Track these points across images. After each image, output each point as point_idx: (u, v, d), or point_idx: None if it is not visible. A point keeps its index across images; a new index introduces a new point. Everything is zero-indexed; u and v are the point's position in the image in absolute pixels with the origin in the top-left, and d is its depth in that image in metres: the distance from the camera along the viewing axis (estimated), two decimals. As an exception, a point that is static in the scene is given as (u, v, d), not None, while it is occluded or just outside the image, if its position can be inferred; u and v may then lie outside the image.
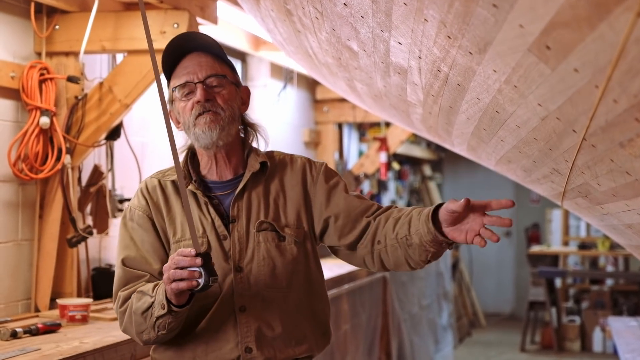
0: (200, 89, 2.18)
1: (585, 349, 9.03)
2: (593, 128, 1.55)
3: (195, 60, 2.22)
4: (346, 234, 2.25)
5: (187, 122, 2.21)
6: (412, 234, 2.11)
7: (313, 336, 2.28)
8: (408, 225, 2.13)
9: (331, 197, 2.27)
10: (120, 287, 2.20)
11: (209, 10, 3.93)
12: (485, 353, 9.23)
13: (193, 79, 2.19)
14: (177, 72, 2.23)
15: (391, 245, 2.17)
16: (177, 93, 2.22)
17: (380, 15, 1.99)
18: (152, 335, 2.13)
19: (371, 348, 5.91)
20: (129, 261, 2.21)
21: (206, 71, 2.20)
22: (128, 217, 2.26)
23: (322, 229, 2.29)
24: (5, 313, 3.54)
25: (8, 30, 3.60)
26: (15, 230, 3.63)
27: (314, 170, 2.31)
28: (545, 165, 2.21)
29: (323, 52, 2.96)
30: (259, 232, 2.21)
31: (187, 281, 1.97)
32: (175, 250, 2.17)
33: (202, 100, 2.17)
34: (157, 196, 2.25)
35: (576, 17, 1.20)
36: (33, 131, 3.56)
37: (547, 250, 9.90)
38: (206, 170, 2.27)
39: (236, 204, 2.22)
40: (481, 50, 1.62)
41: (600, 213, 2.36)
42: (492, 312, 11.98)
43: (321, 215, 2.27)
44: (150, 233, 2.23)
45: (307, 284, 2.27)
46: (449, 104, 2.35)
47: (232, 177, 2.26)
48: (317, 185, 2.29)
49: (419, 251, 2.12)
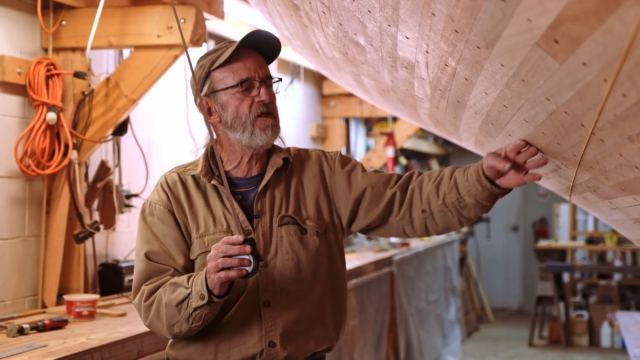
0: (264, 89, 2.18)
1: (593, 344, 9.01)
2: (602, 122, 1.54)
3: (253, 57, 2.20)
4: (372, 208, 2.27)
5: (242, 119, 2.18)
6: (464, 196, 2.16)
7: (333, 328, 2.29)
8: (456, 188, 2.17)
9: (351, 180, 2.29)
10: (142, 280, 2.18)
11: (215, 5, 3.92)
12: (493, 348, 9.22)
13: (255, 77, 2.18)
14: (232, 65, 2.18)
15: (439, 211, 2.20)
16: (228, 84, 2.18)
17: (387, 9, 1.99)
18: (184, 328, 2.11)
19: (379, 343, 5.91)
20: (153, 255, 2.19)
21: (265, 71, 2.21)
22: (148, 211, 2.24)
23: (351, 215, 2.30)
24: (12, 309, 3.55)
25: (15, 26, 3.60)
26: (22, 226, 3.64)
27: (330, 161, 2.34)
28: (553, 159, 2.20)
29: (330, 46, 2.95)
30: (280, 226, 2.22)
31: (236, 269, 1.99)
32: (199, 245, 2.19)
33: (267, 101, 2.18)
34: (178, 191, 2.24)
35: (585, 10, 1.19)
36: (40, 127, 3.57)
37: (555, 245, 9.89)
38: (233, 167, 2.26)
39: (260, 199, 2.23)
40: (489, 45, 1.61)
41: (609, 208, 2.34)
42: (500, 307, 11.97)
43: (347, 201, 2.29)
44: (173, 227, 2.22)
45: (330, 275, 2.28)
46: (457, 99, 2.34)
47: (258, 173, 2.27)
48: (335, 175, 2.31)
49: (474, 209, 2.17)
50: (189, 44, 3.65)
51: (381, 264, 6.10)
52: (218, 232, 2.19)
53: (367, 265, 5.74)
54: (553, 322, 9.38)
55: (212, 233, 2.20)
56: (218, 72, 2.20)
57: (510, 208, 12.36)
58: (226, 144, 2.26)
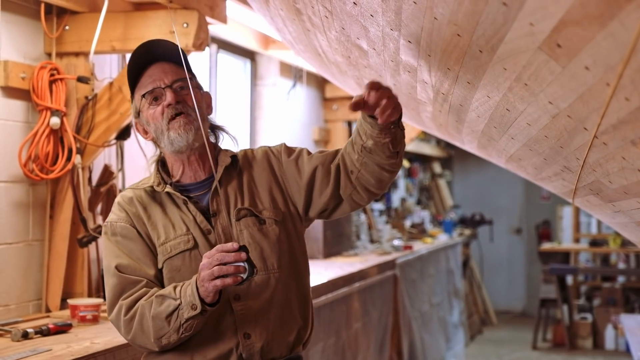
0: (169, 92, 2.23)
1: (597, 347, 9.00)
2: (604, 126, 1.55)
3: (158, 68, 2.27)
4: (325, 188, 2.31)
5: (159, 128, 2.25)
6: (365, 141, 2.19)
7: (301, 316, 2.32)
8: (359, 138, 2.21)
9: (300, 166, 2.35)
10: (117, 294, 2.20)
11: (218, 10, 3.93)
12: (497, 351, 9.22)
13: (160, 84, 2.24)
14: (141, 82, 2.28)
15: (361, 164, 2.24)
16: (143, 102, 2.26)
17: (389, 13, 1.99)
18: (173, 339, 2.13)
19: (382, 346, 5.91)
20: (123, 268, 2.21)
21: (172, 76, 2.26)
22: (110, 232, 2.27)
23: (306, 200, 2.34)
24: (17, 313, 3.55)
25: (18, 31, 3.61)
26: (26, 231, 3.64)
27: (276, 153, 2.39)
28: (557, 163, 2.20)
29: (332, 50, 2.96)
30: (239, 220, 2.26)
31: (232, 277, 2.02)
32: (163, 252, 2.23)
33: (173, 103, 2.23)
34: (135, 206, 2.28)
35: (587, 15, 1.19)
36: (43, 131, 3.57)
37: (558, 248, 9.88)
38: (179, 175, 2.31)
39: (214, 198, 2.27)
40: (491, 49, 1.62)
41: (612, 210, 2.35)
42: (503, 310, 11.95)
43: (300, 188, 2.34)
44: (137, 240, 2.25)
45: (292, 264, 2.31)
46: (459, 102, 2.35)
47: (207, 177, 2.32)
48: (283, 165, 2.37)
49: (380, 149, 2.19)
50: (192, 48, 3.66)
51: (384, 267, 6.09)
52: (179, 237, 2.23)
53: (370, 268, 5.73)
54: (557, 324, 9.37)
55: (173, 239, 2.23)
56: (136, 94, 2.30)
57: (513, 210, 12.36)
58: (167, 156, 2.33)
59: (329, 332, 4.83)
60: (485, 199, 12.34)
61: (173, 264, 2.22)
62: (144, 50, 2.28)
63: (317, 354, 4.62)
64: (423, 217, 9.58)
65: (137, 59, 2.27)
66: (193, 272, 2.17)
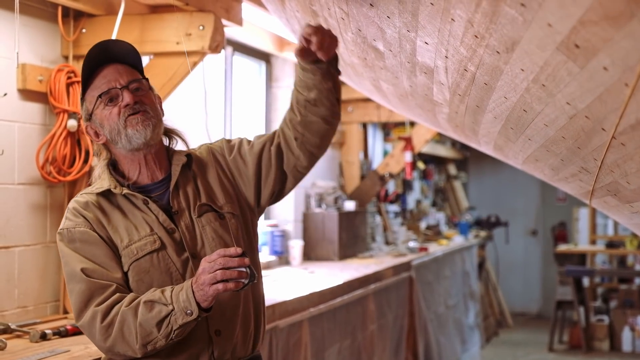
0: (127, 93, 2.23)
1: (614, 349, 8.95)
2: (623, 126, 1.54)
3: (112, 69, 2.26)
4: (269, 172, 2.36)
5: (115, 128, 2.23)
6: (308, 94, 2.27)
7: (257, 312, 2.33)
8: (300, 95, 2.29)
9: (243, 156, 2.39)
10: (85, 300, 2.13)
11: (233, 12, 3.94)
12: (513, 353, 9.19)
13: (116, 85, 2.24)
14: (95, 83, 2.26)
15: (304, 125, 2.31)
16: (98, 102, 2.24)
17: (406, 15, 1.99)
18: (160, 345, 2.09)
19: (398, 348, 5.90)
20: (90, 272, 2.14)
21: (127, 77, 2.26)
22: (67, 239, 2.20)
23: (256, 189, 2.39)
24: (35, 315, 3.57)
25: (36, 34, 3.63)
26: (44, 233, 3.67)
27: (219, 149, 2.43)
28: (574, 163, 2.19)
29: (348, 52, 2.96)
30: (200, 216, 2.27)
31: (234, 281, 2.01)
32: (128, 255, 2.18)
33: (131, 103, 2.22)
34: (93, 210, 2.23)
35: (606, 15, 1.19)
36: (61, 134, 3.59)
37: (575, 249, 9.84)
38: (136, 176, 2.30)
39: (174, 197, 2.28)
40: (509, 50, 1.61)
41: (630, 211, 2.34)
42: (519, 312, 11.91)
43: (248, 178, 2.38)
44: (100, 244, 2.19)
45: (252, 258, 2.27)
46: (476, 103, 2.34)
47: (164, 177, 2.32)
48: (228, 158, 2.40)
49: (325, 97, 2.27)
50: (208, 50, 3.67)
51: (400, 269, 6.09)
52: (144, 238, 2.20)
53: (386, 270, 5.73)
54: (573, 326, 9.33)
55: (137, 240, 2.20)
56: (88, 96, 2.27)
57: (529, 212, 12.32)
58: (121, 158, 2.30)
59: (345, 334, 4.83)
60: (500, 200, 12.31)
61: (141, 266, 2.17)
62: (97, 51, 2.26)
63: (333, 355, 4.62)
64: (438, 219, 9.57)
65: (90, 60, 2.26)
66: (162, 273, 2.16)
